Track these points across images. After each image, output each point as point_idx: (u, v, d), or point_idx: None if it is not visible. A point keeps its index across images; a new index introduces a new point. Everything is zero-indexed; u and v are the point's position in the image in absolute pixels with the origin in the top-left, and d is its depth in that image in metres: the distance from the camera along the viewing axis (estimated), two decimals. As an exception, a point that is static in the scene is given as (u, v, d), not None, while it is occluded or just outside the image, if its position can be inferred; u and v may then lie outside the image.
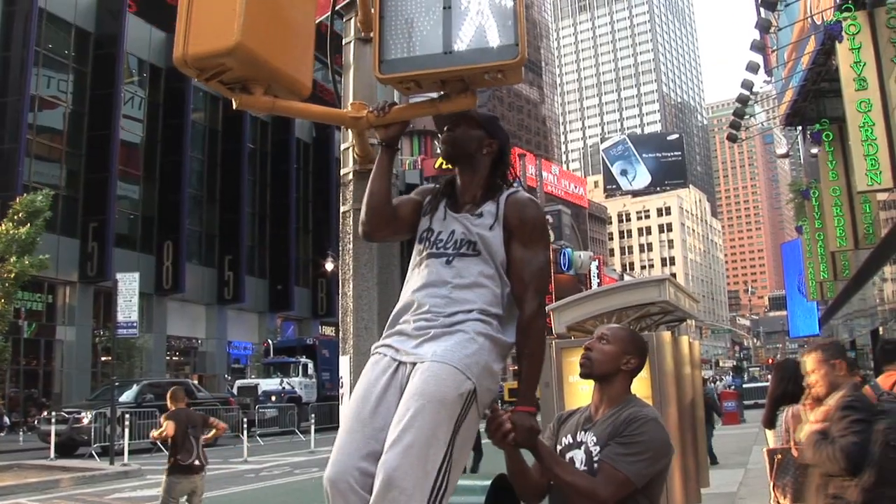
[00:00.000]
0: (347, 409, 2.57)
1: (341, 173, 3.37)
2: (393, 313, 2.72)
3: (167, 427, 8.08)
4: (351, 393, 3.07)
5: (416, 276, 2.70)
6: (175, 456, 8.07)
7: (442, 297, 2.59)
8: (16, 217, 17.17)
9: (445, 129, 2.84)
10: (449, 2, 2.75)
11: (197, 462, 8.12)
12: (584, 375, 2.83)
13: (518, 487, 2.80)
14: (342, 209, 3.32)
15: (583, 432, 2.77)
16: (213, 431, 8.59)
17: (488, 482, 3.28)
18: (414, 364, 2.50)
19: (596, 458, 2.66)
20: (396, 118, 2.85)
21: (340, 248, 3.27)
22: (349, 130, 3.28)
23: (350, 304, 3.09)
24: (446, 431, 2.39)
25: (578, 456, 2.73)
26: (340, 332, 3.16)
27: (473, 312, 2.56)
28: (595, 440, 2.70)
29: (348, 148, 3.40)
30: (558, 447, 2.80)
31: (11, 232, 16.92)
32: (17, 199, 17.70)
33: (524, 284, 2.63)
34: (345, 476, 2.41)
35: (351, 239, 3.20)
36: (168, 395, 8.64)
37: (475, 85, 2.82)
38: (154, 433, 8.58)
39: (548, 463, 2.65)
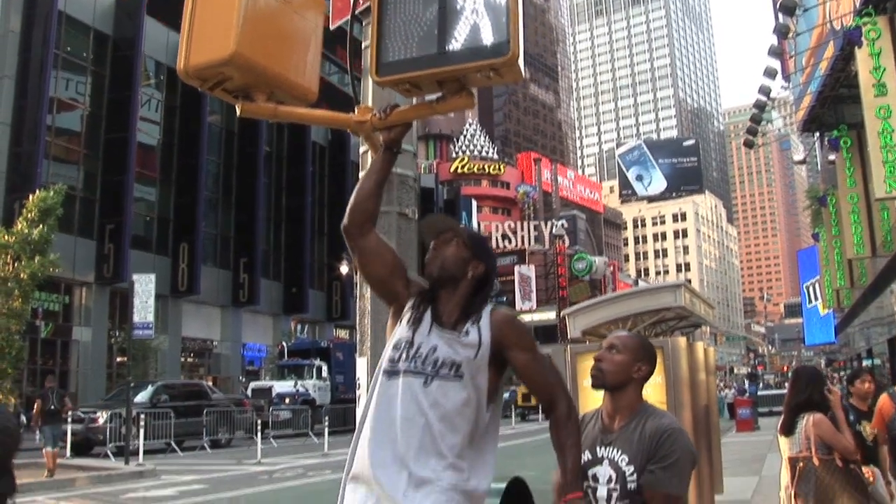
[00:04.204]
0: None
1: (359, 177, 3.39)
2: (363, 421, 2.63)
3: None
4: (367, 394, 3.09)
5: (389, 394, 2.59)
6: None
7: (417, 429, 2.51)
8: (29, 216, 17.29)
9: (433, 244, 2.76)
10: (444, 1, 2.71)
11: None
12: (595, 387, 2.85)
13: None
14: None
15: (603, 447, 2.78)
16: None
17: (503, 485, 3.28)
18: None
19: (630, 477, 2.70)
20: (398, 120, 2.82)
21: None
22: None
23: (367, 307, 3.10)
24: None
25: (603, 472, 2.76)
26: (357, 334, 3.17)
27: (448, 452, 2.50)
28: (626, 459, 2.72)
29: (366, 151, 3.42)
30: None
31: (25, 232, 17.04)
32: (30, 197, 17.79)
33: (551, 385, 2.61)
34: None
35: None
36: None
37: (471, 84, 2.78)
38: None
39: None
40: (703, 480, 7.35)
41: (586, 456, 2.80)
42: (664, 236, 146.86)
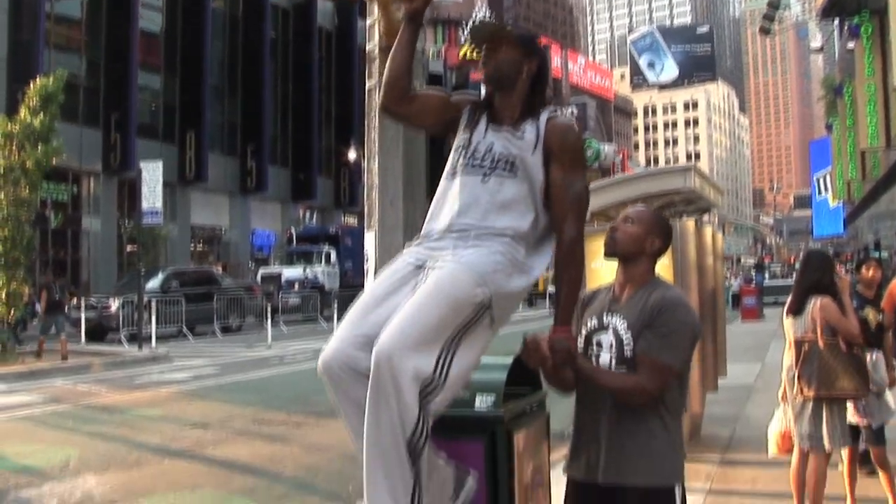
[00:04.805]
0: (360, 298, 2.56)
1: (367, 49, 3.31)
2: (424, 225, 2.70)
3: None
4: (377, 269, 3.10)
5: (449, 190, 2.65)
6: None
7: (474, 216, 2.56)
8: (31, 104, 17.11)
9: (484, 51, 2.75)
10: None
11: None
12: (608, 255, 2.84)
13: (553, 386, 2.86)
14: (368, 85, 3.27)
15: (609, 315, 2.79)
16: None
17: (509, 359, 3.32)
18: (434, 266, 2.50)
19: (628, 344, 2.70)
20: None
21: (366, 125, 3.24)
22: (374, 5, 3.21)
23: (375, 180, 3.08)
24: (447, 330, 2.37)
25: (606, 339, 2.76)
26: (366, 208, 3.16)
27: (503, 233, 2.54)
28: (625, 325, 2.73)
29: (374, 23, 3.33)
30: (584, 330, 2.83)
31: (28, 120, 16.89)
32: (31, 84, 17.55)
33: (565, 210, 2.60)
34: (337, 357, 2.43)
35: (376, 116, 3.16)
36: None
37: None
38: None
39: (591, 378, 2.69)
40: (708, 364, 7.46)
41: (593, 323, 2.82)
42: (675, 125, 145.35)
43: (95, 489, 6.94)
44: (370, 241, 3.10)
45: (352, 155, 41.51)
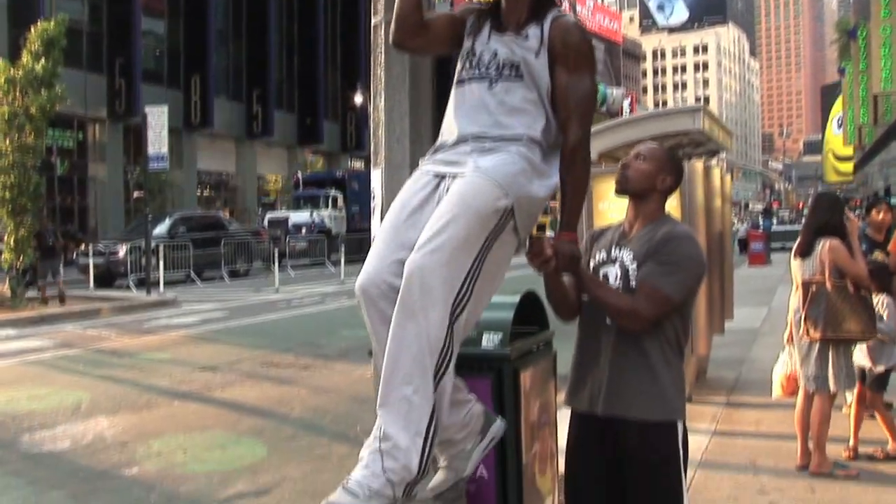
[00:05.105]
0: (385, 219, 2.54)
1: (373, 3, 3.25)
2: (439, 139, 2.65)
3: None
4: (383, 207, 3.08)
5: (458, 100, 2.62)
6: None
7: (485, 123, 2.51)
8: (32, 49, 16.94)
9: None
10: None
11: None
12: (619, 192, 2.83)
13: (554, 306, 2.85)
14: (373, 21, 3.22)
15: (617, 248, 2.79)
16: None
17: (517, 298, 3.32)
18: (454, 177, 2.46)
19: (633, 275, 2.70)
20: None
21: (372, 62, 3.18)
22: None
23: (381, 117, 3.05)
24: (476, 241, 2.35)
25: (613, 271, 2.76)
26: (372, 146, 3.13)
27: (518, 137, 2.49)
28: (631, 257, 2.73)
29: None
30: (592, 262, 2.83)
31: (30, 65, 16.75)
32: (31, 29, 17.35)
33: (569, 111, 2.55)
34: (375, 282, 2.41)
35: (382, 52, 3.12)
36: None
37: None
38: None
39: (589, 287, 2.69)
40: (715, 306, 7.47)
41: (602, 256, 2.82)
42: (684, 69, 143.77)
43: (107, 431, 7.03)
44: (376, 178, 3.08)
45: (358, 99, 41.21)
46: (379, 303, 2.41)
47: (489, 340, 3.13)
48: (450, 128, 2.60)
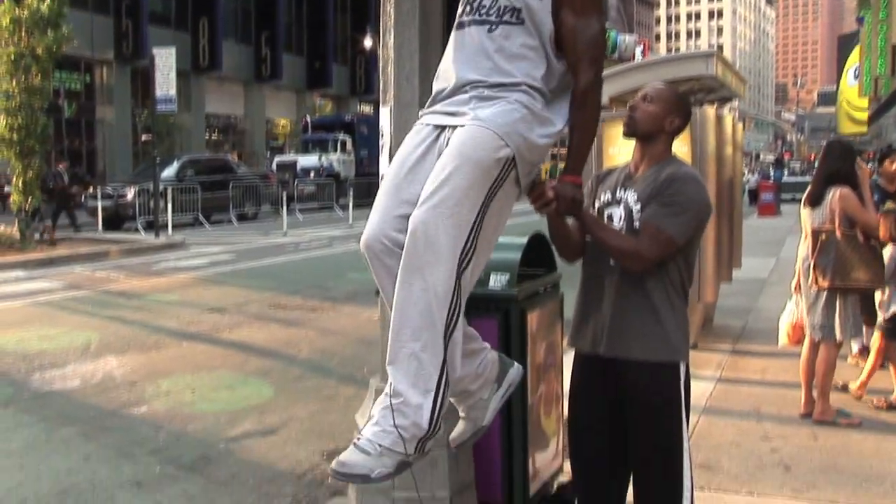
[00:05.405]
0: (386, 174, 2.50)
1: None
2: (434, 83, 2.59)
3: None
4: (392, 146, 3.05)
5: (457, 43, 2.54)
6: None
7: (484, 70, 2.44)
8: (37, -12, 16.78)
9: None
10: None
11: None
12: (627, 135, 2.80)
13: (558, 247, 2.84)
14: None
15: (622, 189, 2.77)
16: None
17: (524, 240, 3.31)
18: (454, 128, 2.41)
19: (637, 216, 2.68)
20: None
21: (381, -1, 3.13)
22: None
23: (391, 55, 3.01)
24: (479, 193, 2.32)
25: (617, 212, 2.75)
26: (381, 84, 3.09)
27: (518, 84, 2.42)
28: (636, 198, 2.71)
29: None
30: (596, 203, 2.81)
31: (36, 5, 16.59)
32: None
33: (578, 54, 2.47)
34: (378, 237, 2.40)
35: (392, -12, 3.06)
36: None
37: None
38: None
39: (592, 229, 2.66)
40: (723, 254, 7.45)
41: (606, 197, 2.81)
42: (698, 16, 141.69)
43: (116, 370, 7.10)
44: (385, 117, 3.05)
45: (368, 42, 40.79)
46: (384, 258, 2.40)
47: (496, 281, 3.13)
48: (447, 73, 2.53)
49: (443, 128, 2.45)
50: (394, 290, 2.34)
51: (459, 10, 2.57)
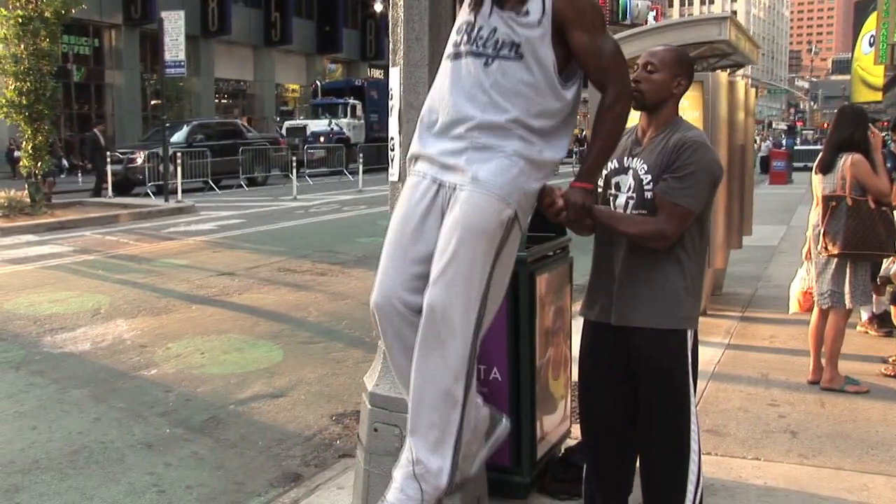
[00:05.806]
0: (389, 232, 2.55)
1: None
2: (426, 110, 2.58)
3: None
4: (401, 107, 3.03)
5: (454, 75, 2.50)
6: None
7: (480, 104, 2.44)
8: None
9: None
10: None
11: None
12: (635, 108, 2.77)
13: (571, 227, 2.83)
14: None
15: (630, 158, 2.77)
16: None
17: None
18: (454, 188, 2.43)
19: (647, 186, 2.68)
20: None
21: (390, -41, 3.10)
22: None
23: (400, 15, 2.98)
24: (487, 258, 2.40)
25: (626, 181, 2.74)
26: (390, 44, 3.07)
27: (513, 123, 2.42)
28: (645, 168, 2.70)
29: None
30: (603, 171, 2.79)
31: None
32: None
33: (604, 70, 2.49)
34: (390, 300, 2.48)
35: (401, -52, 3.03)
36: None
37: None
38: None
39: (610, 225, 2.67)
40: (733, 220, 7.41)
41: (614, 164, 2.79)
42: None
43: (126, 333, 7.14)
44: (395, 77, 3.03)
45: (378, 6, 40.44)
46: (397, 323, 2.50)
47: (505, 244, 3.11)
48: (443, 102, 2.52)
49: (441, 184, 2.47)
50: (402, 356, 2.50)
51: (457, 38, 2.55)
